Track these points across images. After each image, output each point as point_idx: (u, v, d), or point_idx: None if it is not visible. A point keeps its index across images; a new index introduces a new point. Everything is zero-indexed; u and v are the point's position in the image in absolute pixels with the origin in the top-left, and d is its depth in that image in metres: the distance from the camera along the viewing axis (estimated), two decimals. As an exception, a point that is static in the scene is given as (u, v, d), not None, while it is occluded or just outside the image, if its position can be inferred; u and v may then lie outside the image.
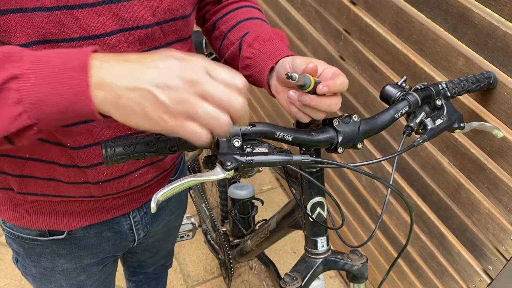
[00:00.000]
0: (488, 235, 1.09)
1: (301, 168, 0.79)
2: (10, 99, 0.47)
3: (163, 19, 0.70)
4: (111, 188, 0.81)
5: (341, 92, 0.67)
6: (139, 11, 0.66)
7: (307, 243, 0.88)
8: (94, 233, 0.90)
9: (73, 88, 0.47)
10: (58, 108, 0.48)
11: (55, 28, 0.60)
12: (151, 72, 0.47)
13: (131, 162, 0.79)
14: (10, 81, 0.47)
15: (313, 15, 1.57)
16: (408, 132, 0.78)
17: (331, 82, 0.63)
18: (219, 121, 0.48)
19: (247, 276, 1.96)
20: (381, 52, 1.26)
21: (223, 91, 0.48)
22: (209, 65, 0.49)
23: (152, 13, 0.68)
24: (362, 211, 1.62)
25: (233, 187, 1.42)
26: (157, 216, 1.01)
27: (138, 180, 0.84)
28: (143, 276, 1.36)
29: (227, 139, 0.62)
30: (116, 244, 0.96)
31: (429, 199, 1.26)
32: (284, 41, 0.82)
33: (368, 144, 1.46)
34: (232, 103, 0.49)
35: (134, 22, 0.66)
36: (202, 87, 0.47)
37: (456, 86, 0.84)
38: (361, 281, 0.91)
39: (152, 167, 0.85)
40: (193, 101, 0.47)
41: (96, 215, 0.87)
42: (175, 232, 1.23)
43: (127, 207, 0.90)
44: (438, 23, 1.05)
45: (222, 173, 0.59)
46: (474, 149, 1.05)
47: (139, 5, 0.66)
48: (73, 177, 0.76)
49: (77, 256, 0.92)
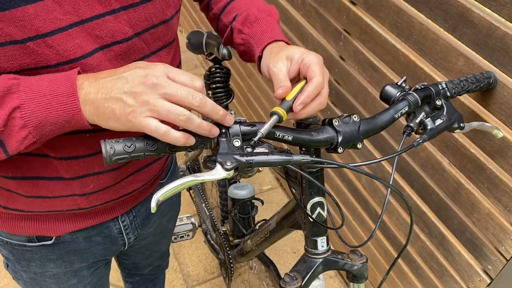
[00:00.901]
0: (488, 235, 1.09)
1: (301, 168, 0.79)
2: (16, 126, 0.56)
3: (142, 28, 0.69)
4: (99, 199, 0.81)
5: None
6: (114, 26, 0.65)
7: (307, 243, 0.88)
8: (83, 238, 0.89)
9: (67, 111, 0.57)
10: (56, 127, 0.58)
11: (29, 59, 0.59)
12: (119, 83, 0.56)
13: (117, 173, 0.79)
14: (14, 111, 0.55)
15: (313, 15, 1.57)
16: (408, 132, 0.78)
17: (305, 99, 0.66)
18: (177, 114, 0.56)
19: (247, 276, 1.96)
20: (381, 52, 1.26)
21: (181, 90, 0.56)
22: (169, 70, 0.58)
23: (129, 25, 0.67)
24: (362, 211, 1.62)
25: (233, 187, 1.42)
26: (147, 219, 1.00)
27: (125, 188, 0.83)
28: (139, 278, 1.35)
29: (227, 139, 0.62)
30: (106, 248, 0.95)
31: (429, 199, 1.26)
32: (272, 16, 0.82)
33: (368, 144, 1.46)
34: (190, 99, 0.56)
35: (111, 38, 0.65)
36: (163, 89, 0.56)
37: (456, 86, 0.84)
38: (361, 281, 0.92)
39: (138, 175, 0.84)
40: (154, 101, 0.55)
41: (84, 220, 0.86)
42: (169, 234, 1.23)
43: (115, 212, 0.90)
44: (438, 23, 1.05)
45: (222, 173, 0.59)
46: (474, 149, 1.05)
47: (114, 20, 0.64)
48: (58, 190, 0.75)
49: (67, 261, 0.91)
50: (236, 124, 0.63)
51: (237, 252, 1.45)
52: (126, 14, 0.65)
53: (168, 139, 0.57)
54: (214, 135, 0.61)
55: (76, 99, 0.56)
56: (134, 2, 0.66)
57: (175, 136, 0.57)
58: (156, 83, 0.55)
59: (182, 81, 0.58)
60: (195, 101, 0.57)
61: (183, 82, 0.58)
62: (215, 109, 0.59)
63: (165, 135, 0.57)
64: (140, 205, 0.96)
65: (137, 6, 0.66)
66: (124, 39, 0.66)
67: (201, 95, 0.57)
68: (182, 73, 0.58)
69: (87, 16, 0.61)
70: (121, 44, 0.67)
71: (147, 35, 0.70)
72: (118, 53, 0.67)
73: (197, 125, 0.58)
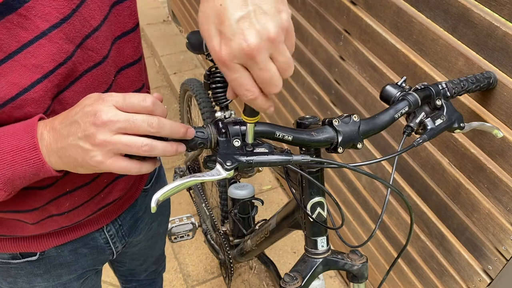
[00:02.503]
0: (488, 235, 1.09)
1: (301, 168, 0.79)
2: None
3: (82, 37, 0.62)
4: (79, 215, 0.79)
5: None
6: (51, 49, 0.58)
7: (307, 243, 0.88)
8: (69, 251, 0.87)
9: (31, 166, 0.56)
10: (26, 179, 0.58)
11: None
12: (73, 129, 0.53)
13: (92, 186, 0.76)
14: None
15: (313, 15, 1.57)
16: (408, 132, 0.78)
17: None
18: (138, 147, 0.53)
19: (247, 276, 1.96)
20: (381, 52, 1.26)
21: (134, 120, 0.53)
22: (117, 100, 0.53)
23: (68, 41, 0.60)
24: (362, 211, 1.62)
25: (233, 187, 1.42)
26: (134, 227, 0.99)
27: (105, 199, 0.81)
28: (136, 283, 1.34)
29: (227, 139, 0.62)
30: (93, 259, 0.93)
31: (429, 199, 1.26)
32: None
33: (368, 144, 1.46)
34: (146, 126, 0.53)
35: (53, 62, 0.59)
36: (114, 124, 0.52)
37: (456, 86, 0.84)
38: (361, 281, 0.92)
39: (116, 184, 0.82)
40: (111, 139, 0.52)
41: (68, 234, 0.84)
42: (161, 238, 1.20)
43: (100, 222, 0.88)
44: (438, 23, 1.05)
45: (222, 173, 0.59)
46: (474, 149, 1.05)
47: (48, 43, 0.58)
48: (37, 217, 0.74)
49: (54, 275, 0.89)
50: (236, 124, 0.63)
51: (237, 252, 1.45)
52: (61, 31, 0.58)
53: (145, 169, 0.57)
54: (181, 151, 0.59)
55: (39, 153, 0.55)
56: (66, 15, 0.59)
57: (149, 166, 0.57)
58: (106, 121, 0.52)
59: (131, 106, 0.54)
60: (151, 128, 0.53)
61: (132, 106, 0.54)
62: (175, 129, 0.56)
63: (140, 169, 0.56)
64: (126, 213, 0.94)
65: (70, 17, 0.59)
66: (67, 58, 0.60)
67: (156, 119, 0.54)
68: (129, 97, 0.54)
69: (14, 48, 0.55)
70: (66, 64, 0.60)
71: (90, 41, 0.63)
72: (65, 74, 0.61)
73: (162, 150, 0.55)
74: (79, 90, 0.65)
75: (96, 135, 0.52)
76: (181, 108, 2.19)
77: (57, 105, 0.64)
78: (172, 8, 3.54)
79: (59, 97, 0.63)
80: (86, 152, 0.53)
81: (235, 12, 0.45)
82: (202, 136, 0.61)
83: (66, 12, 0.58)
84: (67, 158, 0.55)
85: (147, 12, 3.68)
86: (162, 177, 1.08)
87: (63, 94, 0.64)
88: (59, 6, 0.58)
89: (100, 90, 0.68)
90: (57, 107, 0.64)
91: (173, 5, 3.46)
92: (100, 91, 0.68)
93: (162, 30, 3.47)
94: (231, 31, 0.46)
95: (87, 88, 0.66)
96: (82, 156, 0.53)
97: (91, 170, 0.56)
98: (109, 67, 0.69)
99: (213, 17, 0.47)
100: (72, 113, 0.55)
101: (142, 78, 0.79)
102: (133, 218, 0.97)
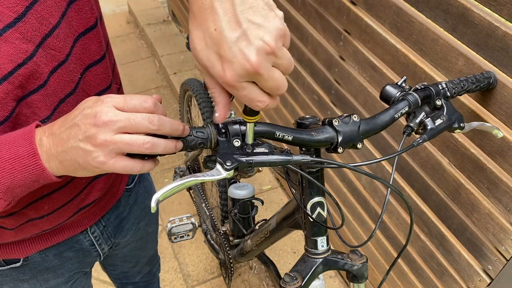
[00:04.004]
0: (488, 235, 1.09)
1: (301, 168, 0.79)
2: None
3: (41, 36, 0.60)
4: (59, 217, 0.78)
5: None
6: (8, 49, 0.56)
7: (307, 243, 0.88)
8: (53, 255, 0.86)
9: (32, 173, 0.56)
10: (26, 187, 0.57)
11: None
12: (73, 131, 0.53)
13: (70, 188, 0.76)
14: None
15: (313, 15, 1.57)
16: (408, 132, 0.78)
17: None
18: (140, 145, 0.53)
19: (247, 276, 1.96)
20: (381, 52, 1.26)
21: (134, 118, 0.53)
22: (117, 101, 0.54)
23: (26, 40, 0.58)
24: (362, 211, 1.62)
25: (233, 187, 1.42)
26: (119, 227, 0.98)
27: (85, 200, 0.80)
28: (132, 286, 1.33)
29: (227, 139, 0.62)
30: (80, 261, 0.92)
31: (429, 199, 1.26)
32: None
33: (368, 144, 1.46)
34: (147, 123, 0.53)
35: (11, 63, 0.57)
36: (115, 124, 0.52)
37: (456, 86, 0.84)
38: (361, 281, 0.92)
39: (96, 184, 0.81)
40: (112, 139, 0.52)
41: (51, 237, 0.83)
42: (152, 239, 1.19)
43: (83, 224, 0.87)
44: (438, 23, 1.05)
45: (222, 173, 0.59)
46: (474, 149, 1.05)
47: (4, 43, 0.56)
48: (16, 222, 0.73)
49: (41, 280, 0.88)
50: (236, 124, 0.63)
51: (237, 252, 1.45)
52: (16, 31, 0.57)
53: (147, 168, 0.57)
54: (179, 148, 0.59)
55: (38, 159, 0.55)
56: (19, 13, 0.56)
57: (151, 164, 0.57)
58: (106, 121, 0.52)
59: (132, 107, 0.54)
60: (152, 125, 0.53)
61: (133, 107, 0.54)
62: (175, 127, 0.56)
63: (143, 167, 0.56)
64: (109, 214, 0.93)
65: (24, 16, 0.57)
66: (26, 58, 0.58)
67: (157, 117, 0.54)
68: (129, 98, 0.54)
69: None
70: (26, 65, 0.59)
71: (51, 40, 0.61)
72: (26, 75, 0.59)
73: (163, 147, 0.56)
74: (47, 92, 0.64)
75: (97, 135, 0.52)
76: (181, 108, 2.19)
77: (25, 108, 0.63)
78: (172, 8, 3.54)
79: (27, 100, 0.62)
80: (88, 154, 0.53)
81: (230, 34, 0.46)
82: (202, 136, 0.61)
83: (20, 10, 0.57)
84: (68, 162, 0.54)
85: (147, 12, 3.68)
86: (146, 176, 1.07)
87: (30, 97, 0.62)
88: (11, 4, 0.56)
89: (67, 89, 0.67)
90: (25, 110, 0.63)
91: (173, 5, 3.46)
92: (67, 91, 0.67)
93: (162, 30, 3.47)
94: (231, 53, 0.46)
95: (56, 90, 0.65)
96: (84, 158, 0.53)
97: (93, 172, 0.56)
98: (74, 65, 0.67)
99: (211, 44, 0.48)
100: (71, 116, 0.55)
101: (110, 74, 0.78)
102: (117, 218, 0.96)
